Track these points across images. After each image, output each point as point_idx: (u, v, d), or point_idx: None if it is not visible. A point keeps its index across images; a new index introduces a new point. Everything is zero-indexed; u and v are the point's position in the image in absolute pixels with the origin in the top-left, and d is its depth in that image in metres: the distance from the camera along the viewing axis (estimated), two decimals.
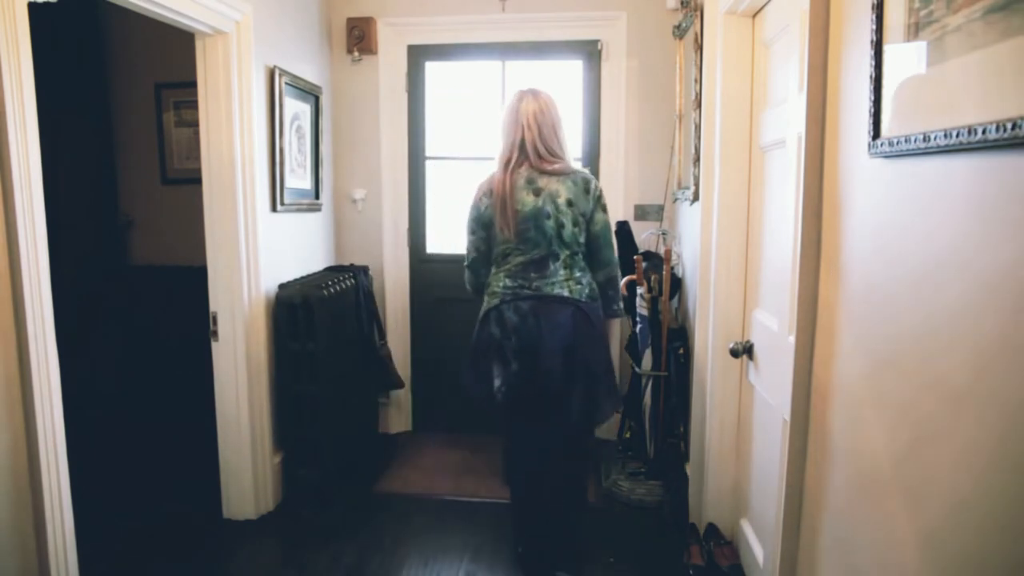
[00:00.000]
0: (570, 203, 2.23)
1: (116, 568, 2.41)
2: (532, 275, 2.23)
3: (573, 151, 2.44)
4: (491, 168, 2.35)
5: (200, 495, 2.85)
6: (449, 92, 3.67)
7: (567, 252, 2.25)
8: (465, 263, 2.41)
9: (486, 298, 2.31)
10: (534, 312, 2.19)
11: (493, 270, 2.32)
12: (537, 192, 2.23)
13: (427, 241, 3.73)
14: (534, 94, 2.30)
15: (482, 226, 2.31)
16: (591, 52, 3.46)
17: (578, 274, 2.27)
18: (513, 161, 2.26)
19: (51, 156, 2.20)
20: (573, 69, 3.54)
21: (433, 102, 3.64)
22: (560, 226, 2.22)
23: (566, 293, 2.22)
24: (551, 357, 2.18)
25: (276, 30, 2.90)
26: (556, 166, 2.26)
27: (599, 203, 2.31)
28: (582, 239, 2.28)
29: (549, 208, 2.21)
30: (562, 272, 2.24)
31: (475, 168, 3.62)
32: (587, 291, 2.27)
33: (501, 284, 2.25)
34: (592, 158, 3.53)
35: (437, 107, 3.65)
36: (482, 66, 3.62)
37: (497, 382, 2.24)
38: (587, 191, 2.27)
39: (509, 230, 2.22)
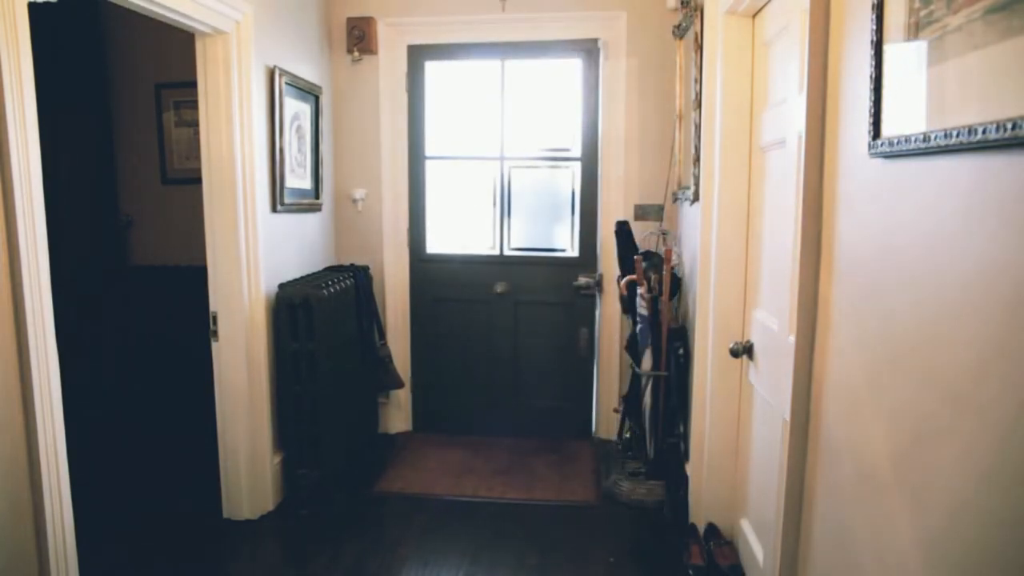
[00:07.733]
0: None
1: (116, 568, 2.41)
2: None
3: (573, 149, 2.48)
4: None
5: (200, 495, 2.85)
6: (448, 92, 3.66)
7: None
8: None
9: None
10: None
11: None
12: None
13: (427, 241, 3.73)
14: None
15: None
16: (591, 51, 3.46)
17: None
18: None
19: (51, 156, 2.21)
20: (573, 68, 3.53)
21: (432, 102, 3.64)
22: None
23: None
24: None
25: (276, 30, 2.90)
26: None
27: None
28: None
29: None
30: None
31: (474, 167, 3.63)
32: None
33: None
34: (592, 158, 3.52)
35: (436, 107, 3.65)
36: (481, 65, 3.61)
37: None
38: None
39: None
